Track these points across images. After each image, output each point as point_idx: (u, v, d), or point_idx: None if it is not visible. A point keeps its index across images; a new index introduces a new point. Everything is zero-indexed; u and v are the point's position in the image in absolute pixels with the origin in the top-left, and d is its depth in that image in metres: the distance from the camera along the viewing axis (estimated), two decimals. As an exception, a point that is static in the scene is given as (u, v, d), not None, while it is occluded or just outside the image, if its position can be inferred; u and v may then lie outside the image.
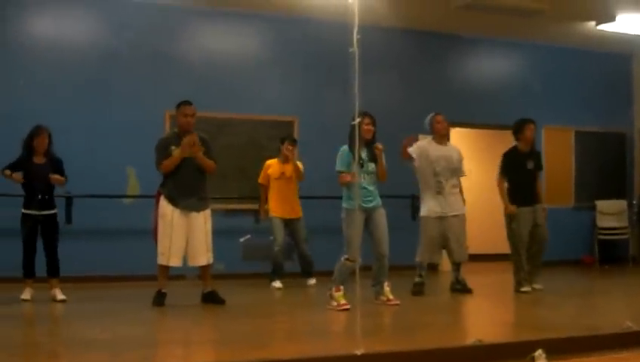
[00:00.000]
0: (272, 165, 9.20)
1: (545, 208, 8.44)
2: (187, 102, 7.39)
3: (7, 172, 7.58)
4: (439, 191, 8.09)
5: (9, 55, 9.48)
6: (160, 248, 7.22)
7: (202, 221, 7.28)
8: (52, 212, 7.72)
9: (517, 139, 8.51)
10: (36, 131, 7.66)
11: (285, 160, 9.13)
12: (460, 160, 8.31)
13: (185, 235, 7.20)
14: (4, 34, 9.50)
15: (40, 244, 7.68)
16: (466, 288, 8.24)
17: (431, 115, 8.36)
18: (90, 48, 9.83)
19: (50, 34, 9.73)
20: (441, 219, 8.08)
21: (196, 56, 10.37)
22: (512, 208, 8.24)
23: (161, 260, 7.23)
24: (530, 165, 8.42)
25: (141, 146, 9.26)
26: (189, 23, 10.38)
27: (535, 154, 8.59)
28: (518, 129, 8.48)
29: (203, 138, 7.43)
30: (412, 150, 8.17)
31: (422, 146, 8.23)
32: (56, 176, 7.68)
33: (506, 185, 8.38)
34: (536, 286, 8.31)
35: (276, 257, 9.04)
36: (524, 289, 8.14)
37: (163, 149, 7.31)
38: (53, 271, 7.68)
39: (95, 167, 9.49)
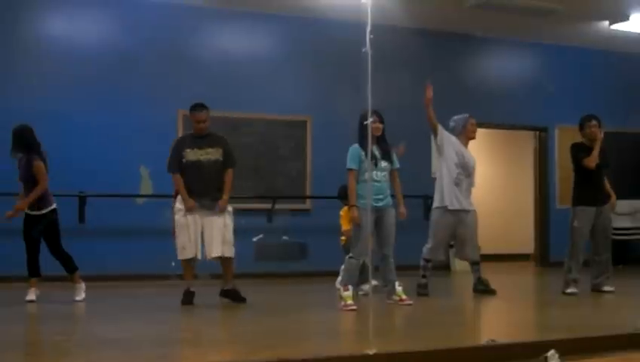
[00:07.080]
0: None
1: (614, 202, 8.17)
2: (199, 107, 7.30)
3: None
4: (458, 184, 7.87)
5: (23, 56, 9.53)
6: (179, 244, 7.20)
7: (217, 216, 7.22)
8: (42, 212, 7.36)
9: (582, 135, 8.32)
10: (29, 127, 7.42)
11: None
12: (475, 168, 8.12)
13: (200, 228, 7.18)
14: (17, 36, 9.56)
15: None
16: (489, 288, 8.00)
17: (464, 115, 8.13)
18: (103, 48, 9.87)
19: (64, 34, 9.77)
20: (457, 213, 7.87)
21: (210, 55, 10.41)
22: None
23: (183, 255, 7.20)
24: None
25: (154, 146, 9.34)
26: (203, 23, 10.41)
27: (600, 151, 8.22)
28: (580, 126, 8.30)
29: (222, 139, 7.44)
30: (441, 130, 7.89)
31: (449, 136, 7.98)
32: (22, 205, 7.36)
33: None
34: (607, 288, 8.06)
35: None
36: (569, 290, 7.90)
37: (175, 153, 7.32)
38: (66, 268, 7.54)
39: (108, 167, 9.54)
